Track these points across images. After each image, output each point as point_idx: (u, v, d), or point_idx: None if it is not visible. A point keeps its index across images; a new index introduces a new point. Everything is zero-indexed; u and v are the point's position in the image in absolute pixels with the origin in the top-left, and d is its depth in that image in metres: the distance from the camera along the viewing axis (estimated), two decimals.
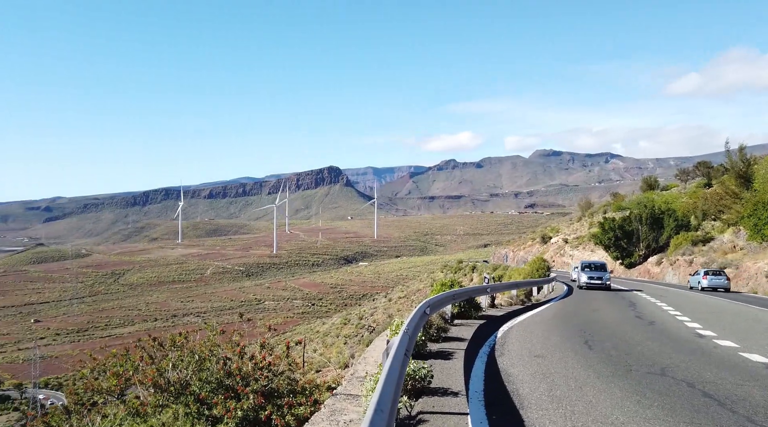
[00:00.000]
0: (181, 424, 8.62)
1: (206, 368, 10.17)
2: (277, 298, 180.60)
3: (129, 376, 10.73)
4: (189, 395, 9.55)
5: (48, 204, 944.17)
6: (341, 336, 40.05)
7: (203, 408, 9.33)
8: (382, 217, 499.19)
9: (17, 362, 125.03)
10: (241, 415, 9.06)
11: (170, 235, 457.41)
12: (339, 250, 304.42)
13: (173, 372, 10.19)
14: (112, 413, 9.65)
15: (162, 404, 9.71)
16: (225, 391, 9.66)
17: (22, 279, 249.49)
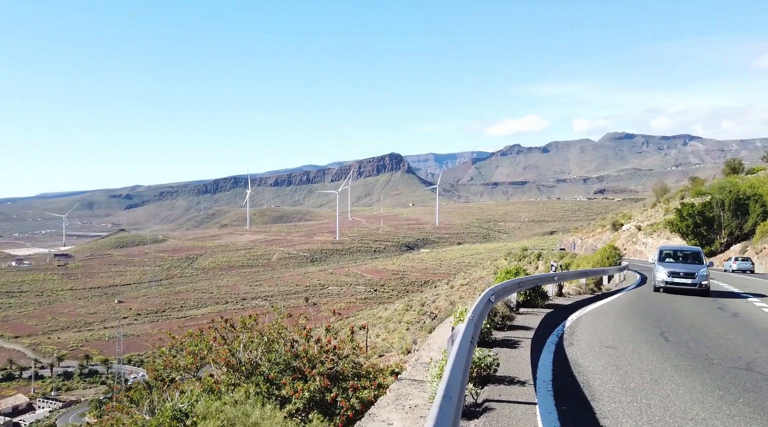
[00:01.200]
0: (252, 402, 8.95)
1: (275, 350, 10.48)
2: (340, 283, 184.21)
3: (204, 355, 11.24)
4: (259, 375, 9.90)
5: (128, 192, 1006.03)
6: (403, 322, 40.30)
7: (272, 388, 9.64)
8: (444, 203, 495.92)
9: (103, 339, 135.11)
10: (308, 396, 9.28)
11: (239, 221, 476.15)
12: (400, 237, 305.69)
13: (244, 353, 10.59)
14: (189, 390, 10.15)
15: (234, 383, 10.13)
16: (292, 372, 9.92)
17: (106, 262, 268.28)
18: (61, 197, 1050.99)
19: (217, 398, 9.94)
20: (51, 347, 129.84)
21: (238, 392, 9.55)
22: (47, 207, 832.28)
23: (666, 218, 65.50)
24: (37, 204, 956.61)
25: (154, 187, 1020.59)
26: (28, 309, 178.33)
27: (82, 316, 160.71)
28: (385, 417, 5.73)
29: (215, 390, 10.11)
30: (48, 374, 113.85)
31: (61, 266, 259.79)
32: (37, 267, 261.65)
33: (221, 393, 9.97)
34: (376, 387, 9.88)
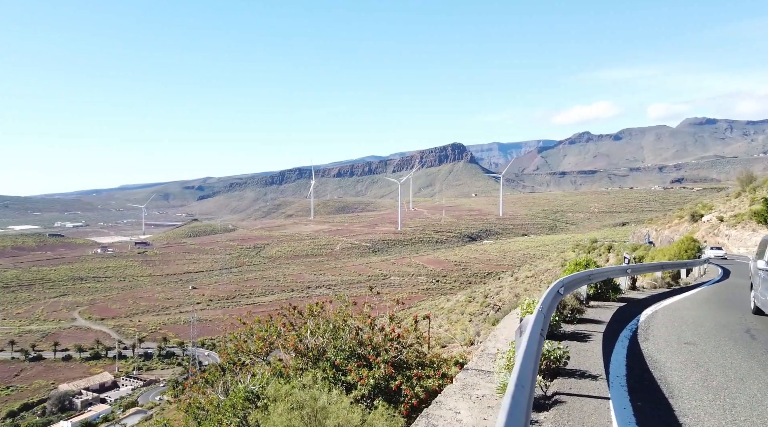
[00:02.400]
0: (320, 387, 9.18)
1: (340, 337, 10.68)
2: (401, 273, 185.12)
3: (273, 340, 11.63)
4: (325, 361, 10.13)
5: (201, 184, 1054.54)
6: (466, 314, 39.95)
7: (339, 374, 9.85)
8: (508, 194, 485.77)
9: (179, 323, 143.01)
10: (372, 383, 9.40)
11: (303, 212, 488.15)
12: (463, 227, 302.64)
13: (311, 339, 10.86)
14: (260, 373, 10.55)
15: (302, 368, 10.43)
16: (357, 359, 10.08)
17: (181, 250, 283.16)
18: (140, 189, 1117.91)
19: (286, 381, 10.26)
20: (133, 329, 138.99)
21: (306, 376, 9.81)
22: (128, 198, 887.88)
23: (752, 208, 61.02)
24: (119, 195, 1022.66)
25: (224, 178, 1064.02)
26: (112, 293, 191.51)
27: (159, 301, 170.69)
28: (453, 405, 5.71)
29: (284, 374, 10.43)
30: (130, 355, 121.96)
31: (141, 253, 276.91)
32: (119, 254, 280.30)
33: (290, 377, 10.28)
34: (440, 377, 9.88)
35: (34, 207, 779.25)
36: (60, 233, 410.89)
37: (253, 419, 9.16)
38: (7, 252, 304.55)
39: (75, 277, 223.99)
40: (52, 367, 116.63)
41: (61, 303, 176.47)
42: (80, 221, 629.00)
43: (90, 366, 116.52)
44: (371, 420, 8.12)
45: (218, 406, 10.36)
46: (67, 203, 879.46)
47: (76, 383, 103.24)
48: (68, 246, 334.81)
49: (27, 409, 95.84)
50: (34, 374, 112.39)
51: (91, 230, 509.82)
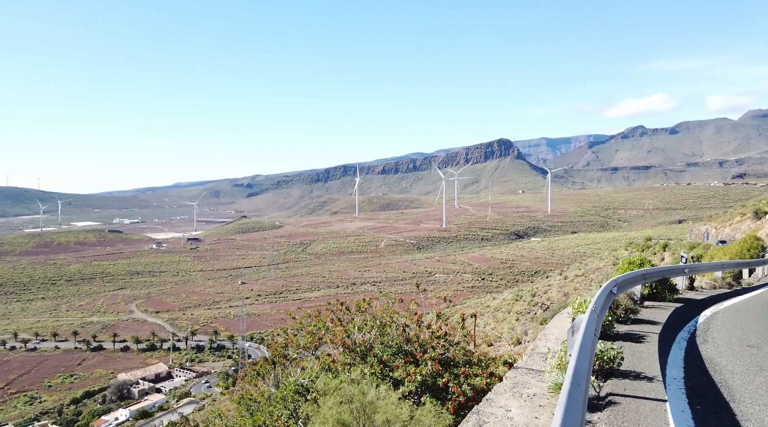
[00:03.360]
0: (368, 382, 9.29)
1: (387, 333, 10.75)
2: (446, 271, 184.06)
3: (321, 335, 11.83)
4: (373, 356, 10.22)
5: (249, 181, 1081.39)
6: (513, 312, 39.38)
7: (386, 370, 9.92)
8: (557, 190, 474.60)
9: (229, 317, 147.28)
10: (420, 380, 9.42)
11: (348, 208, 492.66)
12: (509, 224, 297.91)
13: (359, 335, 10.99)
14: (309, 367, 10.77)
15: (350, 363, 10.57)
16: (404, 356, 10.13)
17: (231, 246, 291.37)
18: (192, 186, 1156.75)
19: (335, 376, 10.44)
20: (186, 322, 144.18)
21: (355, 371, 9.95)
22: (181, 195, 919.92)
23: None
24: (173, 193, 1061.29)
25: (272, 176, 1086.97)
26: (166, 287, 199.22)
27: (210, 295, 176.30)
28: (503, 403, 5.68)
29: (332, 369, 10.60)
30: (183, 347, 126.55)
31: (193, 249, 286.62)
32: (173, 250, 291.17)
33: (338, 372, 10.44)
34: (488, 376, 9.80)
35: (94, 204, 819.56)
36: (118, 229, 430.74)
37: (303, 412, 9.36)
38: (70, 247, 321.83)
39: (132, 271, 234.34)
40: (112, 357, 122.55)
41: (120, 296, 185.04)
42: (137, 217, 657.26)
43: (146, 357, 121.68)
44: (419, 416, 8.16)
45: (269, 398, 10.63)
46: (125, 201, 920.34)
47: (133, 373, 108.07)
48: (126, 242, 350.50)
49: (89, 396, 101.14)
50: (95, 364, 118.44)
51: (147, 226, 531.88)
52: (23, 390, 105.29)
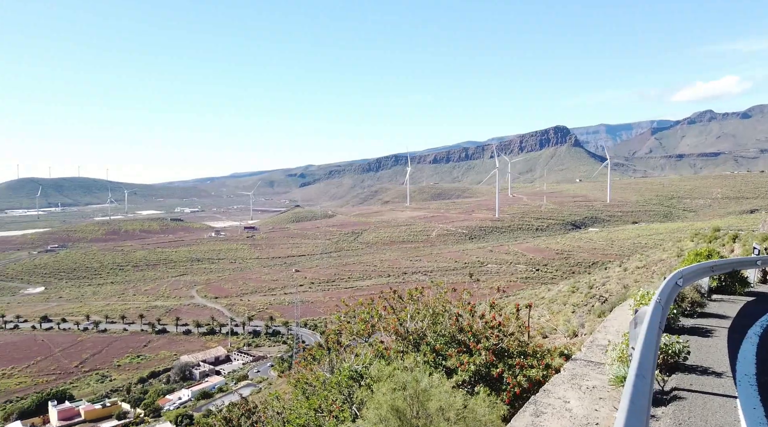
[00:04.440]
0: (421, 370, 9.33)
1: (440, 322, 10.73)
2: (499, 261, 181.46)
3: (374, 323, 11.94)
4: (426, 345, 10.24)
5: (302, 171, 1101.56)
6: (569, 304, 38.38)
7: (439, 359, 9.92)
8: (617, 179, 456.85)
9: (284, 304, 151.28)
10: (473, 369, 9.36)
11: (399, 198, 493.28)
12: (565, 214, 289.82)
13: (411, 323, 11.02)
14: (362, 353, 10.91)
15: (402, 351, 10.63)
16: (457, 345, 10.08)
17: (285, 235, 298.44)
18: (248, 177, 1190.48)
19: (388, 363, 10.53)
20: (243, 308, 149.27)
21: (408, 359, 10.00)
22: (238, 185, 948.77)
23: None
24: (230, 183, 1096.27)
25: (324, 166, 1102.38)
26: (225, 274, 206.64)
27: (266, 282, 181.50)
28: (561, 395, 5.57)
29: (385, 356, 10.69)
30: (241, 332, 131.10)
31: (249, 237, 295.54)
32: (230, 238, 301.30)
33: (391, 359, 10.53)
34: (544, 367, 9.63)
35: (158, 194, 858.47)
36: (180, 218, 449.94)
37: (357, 397, 9.50)
38: (136, 234, 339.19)
39: (192, 258, 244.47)
40: (175, 340, 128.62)
41: (181, 282, 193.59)
42: (197, 206, 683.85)
43: (206, 340, 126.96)
44: (473, 405, 8.12)
45: (324, 382, 10.84)
46: (186, 190, 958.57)
47: (194, 356, 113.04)
48: (187, 230, 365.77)
49: (154, 376, 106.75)
50: (159, 345, 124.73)
51: (206, 214, 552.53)
52: (95, 369, 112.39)
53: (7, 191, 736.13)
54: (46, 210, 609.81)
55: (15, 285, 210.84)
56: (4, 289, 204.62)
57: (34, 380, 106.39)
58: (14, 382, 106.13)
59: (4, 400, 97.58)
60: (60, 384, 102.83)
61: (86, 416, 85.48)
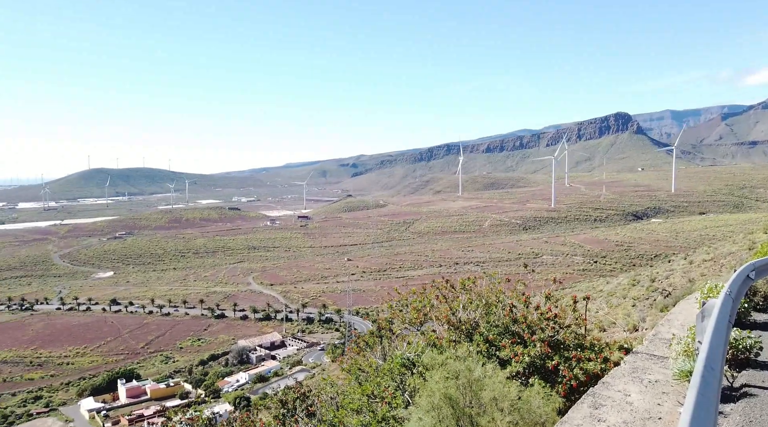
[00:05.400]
0: (473, 359, 9.28)
1: (493, 313, 10.62)
2: (555, 253, 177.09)
3: (426, 312, 11.97)
4: (479, 335, 10.16)
5: (354, 161, 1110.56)
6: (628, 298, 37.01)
7: (492, 349, 9.83)
8: (682, 168, 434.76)
9: (336, 292, 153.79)
10: (528, 361, 9.23)
11: (451, 188, 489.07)
12: (626, 204, 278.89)
13: (463, 313, 10.96)
14: (414, 342, 10.97)
15: (455, 340, 10.59)
16: (511, 336, 9.96)
17: (337, 224, 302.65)
18: (301, 166, 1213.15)
19: (440, 352, 10.53)
20: (297, 295, 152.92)
21: (460, 348, 9.96)
22: (291, 175, 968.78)
23: None
24: (284, 173, 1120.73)
25: (375, 156, 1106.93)
26: (279, 262, 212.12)
27: (319, 270, 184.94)
28: (621, 388, 5.40)
29: (437, 345, 10.69)
30: (295, 318, 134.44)
31: (303, 226, 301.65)
32: (284, 227, 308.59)
33: (443, 348, 10.51)
34: (602, 361, 9.38)
35: (216, 184, 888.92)
36: (237, 207, 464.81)
37: (409, 384, 9.56)
38: (196, 223, 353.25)
39: (249, 246, 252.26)
40: (232, 324, 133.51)
41: (239, 269, 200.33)
42: (253, 196, 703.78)
43: (262, 326, 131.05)
44: (527, 397, 8.01)
45: (377, 369, 10.97)
46: (242, 180, 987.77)
47: (251, 340, 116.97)
48: (243, 218, 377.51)
49: (213, 359, 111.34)
50: (218, 330, 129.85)
51: (261, 204, 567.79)
52: (159, 350, 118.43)
53: (80, 181, 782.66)
54: (114, 199, 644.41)
55: (87, 269, 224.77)
56: (78, 273, 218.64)
57: (104, 359, 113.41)
58: (87, 360, 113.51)
59: (78, 377, 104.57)
60: (128, 364, 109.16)
61: (152, 394, 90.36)
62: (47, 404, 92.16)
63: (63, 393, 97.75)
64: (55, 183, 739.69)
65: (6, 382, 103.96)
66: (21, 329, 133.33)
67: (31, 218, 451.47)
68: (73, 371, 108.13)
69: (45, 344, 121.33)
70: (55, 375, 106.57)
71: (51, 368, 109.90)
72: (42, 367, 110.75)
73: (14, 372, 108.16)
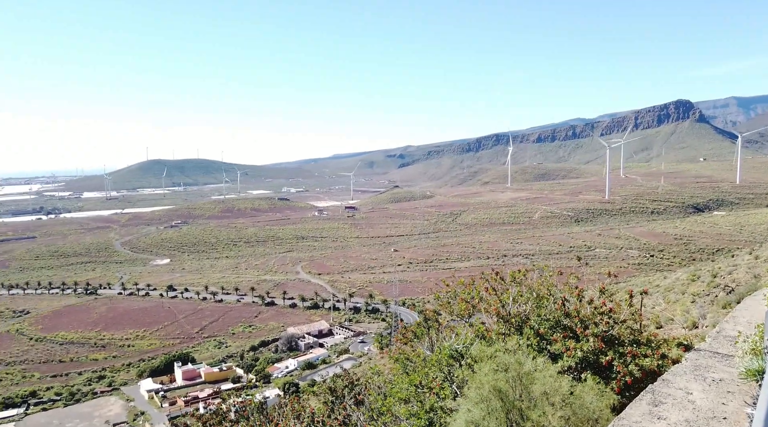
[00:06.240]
0: (524, 353, 9.14)
1: (544, 306, 10.41)
2: (609, 246, 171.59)
3: (475, 304, 11.85)
4: (529, 328, 9.99)
5: (401, 152, 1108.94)
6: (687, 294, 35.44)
7: (542, 343, 9.65)
8: (749, 157, 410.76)
9: (382, 282, 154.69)
10: (580, 356, 9.03)
11: (500, 179, 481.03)
12: (686, 196, 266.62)
13: (513, 306, 10.79)
14: (463, 333, 10.89)
15: (504, 333, 10.46)
16: (563, 330, 9.74)
17: (384, 215, 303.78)
18: (348, 157, 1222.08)
19: (489, 344, 10.43)
20: (344, 284, 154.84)
21: (510, 341, 9.83)
22: (339, 166, 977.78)
23: None
24: (332, 164, 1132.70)
25: (422, 147, 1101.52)
26: (327, 252, 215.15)
27: (366, 260, 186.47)
28: (683, 386, 5.18)
29: (486, 337, 10.59)
30: (342, 307, 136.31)
31: (350, 216, 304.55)
32: (332, 217, 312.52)
33: (492, 341, 10.41)
34: (660, 357, 9.06)
35: (266, 175, 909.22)
36: (286, 197, 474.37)
37: (458, 376, 9.52)
38: (247, 213, 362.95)
39: (298, 236, 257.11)
40: (282, 312, 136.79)
41: (288, 258, 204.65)
42: (301, 186, 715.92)
43: (310, 314, 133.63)
44: (580, 392, 7.84)
45: (425, 360, 10.98)
46: (291, 171, 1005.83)
47: (300, 328, 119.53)
48: (292, 209, 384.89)
49: (264, 345, 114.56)
50: (268, 317, 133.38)
51: (310, 194, 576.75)
52: (213, 335, 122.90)
53: (139, 172, 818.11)
54: (170, 189, 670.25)
55: (146, 257, 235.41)
56: (137, 260, 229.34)
57: (162, 343, 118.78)
58: (146, 343, 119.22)
59: (138, 359, 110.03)
60: (183, 347, 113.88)
61: (206, 377, 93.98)
62: (110, 383, 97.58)
63: (124, 374, 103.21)
64: (116, 173, 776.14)
65: (73, 361, 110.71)
66: (86, 312, 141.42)
67: (95, 207, 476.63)
68: (133, 353, 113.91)
69: (108, 327, 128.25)
70: (117, 356, 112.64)
71: (113, 350, 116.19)
72: (105, 348, 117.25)
73: (80, 352, 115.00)
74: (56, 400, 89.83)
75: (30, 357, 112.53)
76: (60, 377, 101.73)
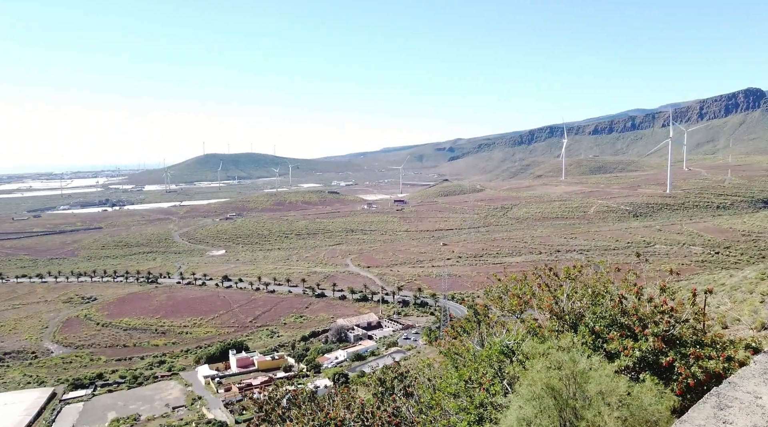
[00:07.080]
0: (578, 351, 8.91)
1: (600, 303, 10.12)
2: (669, 242, 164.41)
3: (527, 299, 11.63)
4: (583, 326, 9.72)
5: (451, 145, 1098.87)
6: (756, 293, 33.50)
7: (598, 341, 9.37)
8: None
9: (431, 276, 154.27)
10: (638, 355, 8.74)
11: (553, 172, 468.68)
12: (756, 190, 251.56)
13: (567, 302, 10.52)
14: (514, 329, 10.72)
15: (557, 330, 10.21)
16: (620, 329, 9.44)
17: (433, 209, 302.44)
18: (397, 151, 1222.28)
19: (541, 341, 10.21)
20: (393, 278, 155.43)
21: (564, 338, 9.60)
22: (388, 160, 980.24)
23: None
24: (381, 157, 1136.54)
25: (473, 140, 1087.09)
26: (376, 245, 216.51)
27: (414, 254, 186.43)
28: (751, 389, 4.90)
29: (538, 334, 10.39)
30: (391, 300, 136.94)
31: (399, 210, 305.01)
32: (381, 210, 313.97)
33: (545, 338, 10.19)
34: (725, 359, 8.63)
35: (317, 168, 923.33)
36: (336, 191, 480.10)
37: (508, 372, 9.40)
38: (298, 206, 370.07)
39: (347, 228, 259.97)
40: (332, 303, 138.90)
41: (338, 251, 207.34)
42: (351, 180, 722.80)
43: (359, 306, 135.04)
44: (637, 393, 7.58)
45: (474, 355, 10.88)
46: (341, 165, 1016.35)
47: (349, 320, 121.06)
48: (342, 202, 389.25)
49: (314, 336, 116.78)
50: (318, 308, 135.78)
51: (359, 188, 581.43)
52: (265, 325, 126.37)
53: (196, 166, 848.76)
54: (225, 182, 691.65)
55: (202, 247, 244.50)
56: (195, 251, 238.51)
57: (217, 331, 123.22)
58: (203, 331, 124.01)
59: (196, 345, 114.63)
60: (238, 336, 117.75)
61: (259, 365, 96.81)
62: (170, 368, 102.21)
63: (183, 359, 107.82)
64: (175, 167, 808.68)
65: (136, 346, 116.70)
66: (148, 300, 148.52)
67: (155, 199, 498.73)
68: (191, 340, 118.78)
69: (168, 314, 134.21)
70: (176, 343, 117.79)
71: (173, 336, 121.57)
72: (165, 335, 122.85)
73: (142, 338, 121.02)
74: (121, 382, 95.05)
75: (97, 341, 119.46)
76: (124, 361, 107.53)
